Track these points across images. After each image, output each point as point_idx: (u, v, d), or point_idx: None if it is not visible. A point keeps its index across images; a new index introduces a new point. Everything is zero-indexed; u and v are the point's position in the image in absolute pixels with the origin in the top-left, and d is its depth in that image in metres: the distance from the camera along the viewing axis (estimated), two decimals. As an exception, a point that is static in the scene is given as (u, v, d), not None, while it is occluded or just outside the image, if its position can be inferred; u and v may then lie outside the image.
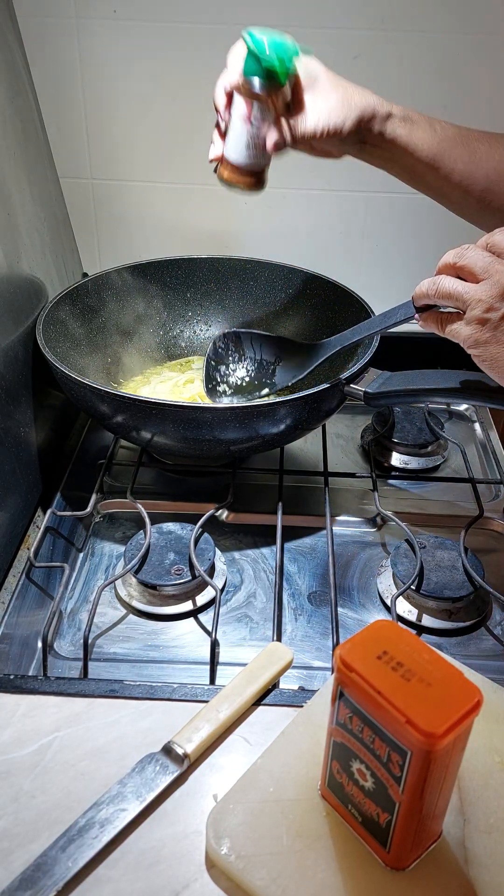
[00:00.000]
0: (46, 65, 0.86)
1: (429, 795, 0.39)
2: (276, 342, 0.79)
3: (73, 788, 0.48)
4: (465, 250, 0.53)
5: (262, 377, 0.80)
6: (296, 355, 0.77)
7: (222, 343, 0.81)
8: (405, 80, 0.86)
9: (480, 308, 0.51)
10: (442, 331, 0.55)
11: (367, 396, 0.68)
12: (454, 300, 0.53)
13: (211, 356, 0.81)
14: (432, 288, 0.54)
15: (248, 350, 0.80)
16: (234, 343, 0.81)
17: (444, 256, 0.54)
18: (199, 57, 0.85)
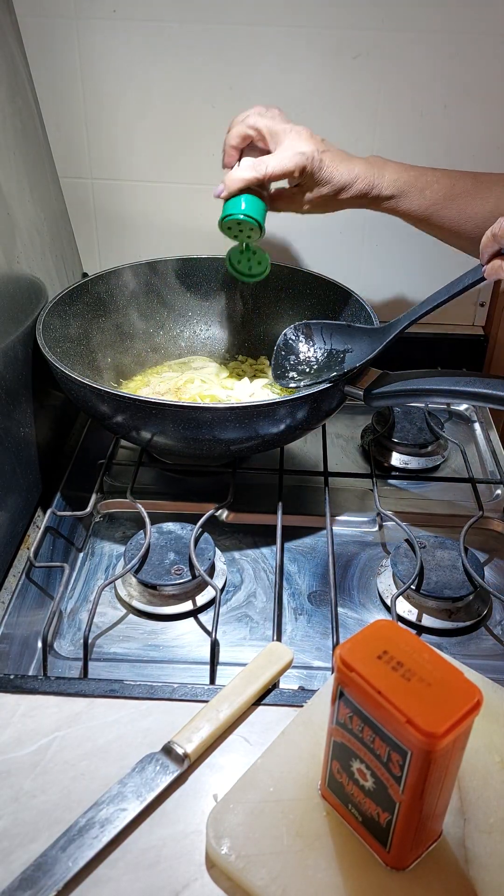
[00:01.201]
0: (46, 65, 0.86)
1: (429, 795, 0.39)
2: (346, 330, 0.78)
3: (73, 788, 0.48)
4: None
5: (332, 364, 0.78)
6: (366, 341, 0.75)
7: (293, 334, 0.79)
8: (405, 80, 0.86)
9: None
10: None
11: (367, 396, 0.69)
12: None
13: (280, 346, 0.80)
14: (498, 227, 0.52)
15: (318, 341, 0.79)
16: (305, 334, 0.79)
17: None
18: (199, 57, 0.85)
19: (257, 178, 0.70)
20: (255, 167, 0.70)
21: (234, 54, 0.85)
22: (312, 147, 0.70)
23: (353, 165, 0.72)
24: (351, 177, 0.72)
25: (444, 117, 0.88)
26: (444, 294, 0.64)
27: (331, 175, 0.71)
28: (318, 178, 0.71)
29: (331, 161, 0.71)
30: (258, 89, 0.87)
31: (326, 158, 0.71)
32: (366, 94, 0.87)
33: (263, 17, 0.83)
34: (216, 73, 0.86)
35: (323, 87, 0.87)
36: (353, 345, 0.77)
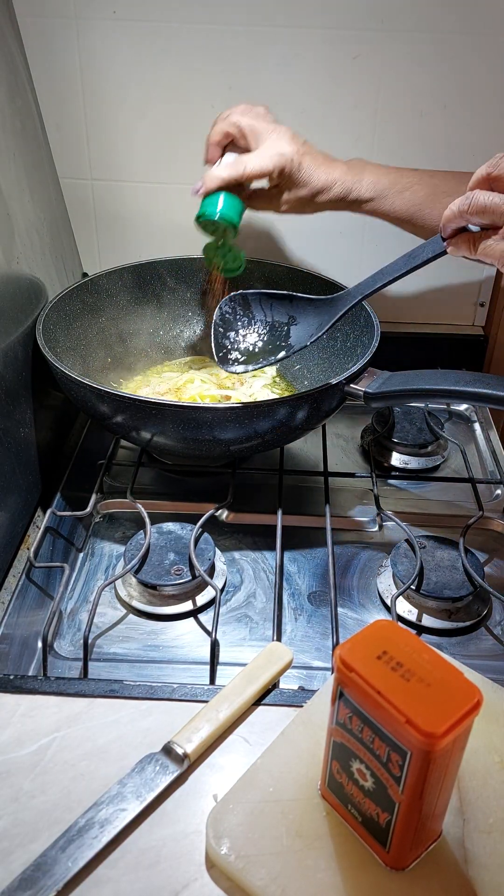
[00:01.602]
0: (46, 65, 0.86)
1: (428, 795, 0.39)
2: (287, 301, 0.73)
3: (73, 788, 0.48)
4: (500, 160, 0.49)
5: (277, 340, 0.74)
6: (311, 312, 0.71)
7: (229, 307, 0.75)
8: (405, 80, 0.86)
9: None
10: (474, 251, 0.52)
11: (367, 396, 0.68)
12: (490, 214, 0.49)
13: (218, 322, 0.75)
14: (465, 203, 0.50)
15: (258, 312, 0.74)
16: (242, 306, 0.75)
17: (476, 171, 0.51)
18: (198, 56, 0.85)
19: (235, 177, 0.71)
20: (234, 166, 0.71)
21: (234, 54, 0.85)
22: (293, 148, 0.71)
23: (332, 169, 0.73)
24: (329, 180, 0.72)
25: (444, 117, 0.88)
26: (401, 266, 0.60)
27: (309, 177, 0.72)
28: (297, 180, 0.72)
29: (310, 163, 0.72)
30: (258, 89, 0.87)
31: (306, 161, 0.71)
32: (365, 94, 0.87)
33: (263, 17, 0.83)
34: (216, 73, 0.86)
35: (323, 87, 0.87)
36: (297, 315, 0.73)
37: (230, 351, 0.73)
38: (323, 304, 0.70)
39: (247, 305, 0.74)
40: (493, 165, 0.50)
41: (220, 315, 0.74)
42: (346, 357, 0.83)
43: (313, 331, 0.70)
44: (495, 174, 0.49)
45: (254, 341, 0.74)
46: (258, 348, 0.73)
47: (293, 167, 0.71)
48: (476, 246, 0.51)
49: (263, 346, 0.73)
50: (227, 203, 0.73)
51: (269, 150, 0.71)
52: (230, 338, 0.74)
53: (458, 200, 0.51)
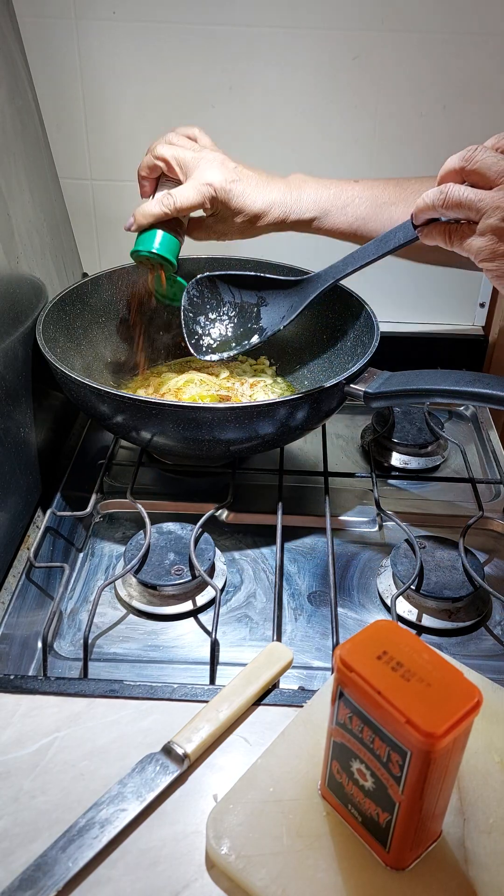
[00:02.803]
0: (46, 65, 0.86)
1: (429, 795, 0.39)
2: (254, 281, 0.72)
3: (73, 788, 0.48)
4: (474, 153, 0.48)
5: (248, 322, 0.73)
6: (281, 293, 0.71)
7: (196, 291, 0.74)
8: (405, 80, 0.86)
9: (498, 216, 0.46)
10: (449, 243, 0.51)
11: (367, 396, 0.68)
12: (466, 209, 0.48)
13: (186, 307, 0.74)
14: (440, 198, 0.49)
15: (226, 294, 0.73)
16: (210, 289, 0.74)
17: (447, 162, 0.50)
18: (198, 57, 0.86)
19: (165, 212, 0.71)
20: (163, 202, 0.70)
21: (234, 55, 0.85)
22: (221, 176, 0.70)
23: (268, 192, 0.71)
24: (265, 204, 0.71)
25: (443, 117, 0.88)
26: (373, 251, 0.59)
27: (243, 204, 0.70)
28: (231, 207, 0.71)
29: (242, 190, 0.70)
30: (258, 89, 0.87)
31: (237, 188, 0.70)
32: (365, 94, 0.87)
33: (263, 17, 0.83)
34: (216, 73, 0.87)
35: (322, 88, 0.87)
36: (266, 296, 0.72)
37: (202, 337, 0.73)
38: (291, 285, 0.69)
39: (214, 288, 0.73)
40: (466, 159, 0.48)
41: (187, 300, 0.73)
42: (346, 357, 0.83)
43: (284, 312, 0.69)
44: (469, 168, 0.48)
45: (225, 325, 0.73)
46: (230, 332, 0.72)
47: (224, 195, 0.70)
48: (452, 238, 0.50)
49: (235, 330, 0.72)
50: (163, 240, 0.73)
51: (198, 182, 0.70)
52: (200, 322, 0.73)
53: (431, 192, 0.50)
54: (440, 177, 0.50)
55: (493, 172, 0.47)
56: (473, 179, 0.48)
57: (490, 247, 0.48)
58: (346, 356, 0.83)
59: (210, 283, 0.73)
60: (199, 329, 0.74)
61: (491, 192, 0.47)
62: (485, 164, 0.47)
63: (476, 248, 0.49)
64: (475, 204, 0.47)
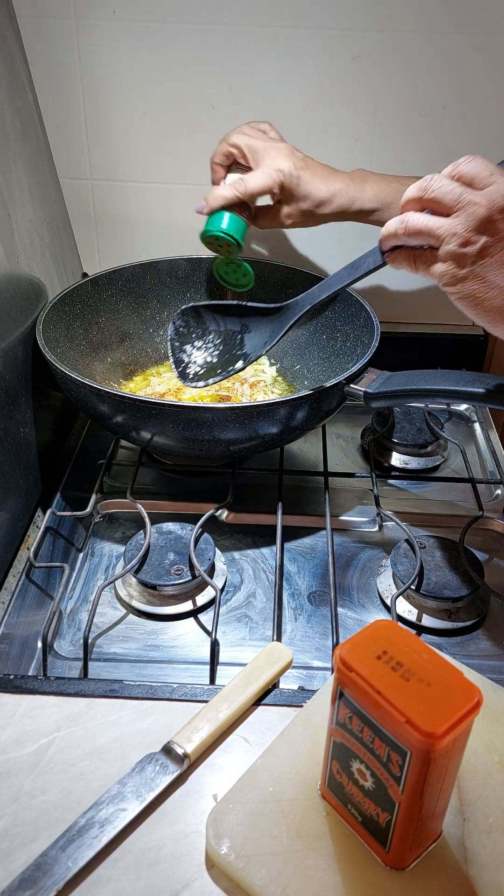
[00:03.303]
0: (46, 65, 0.86)
1: (428, 795, 0.39)
2: (236, 310, 0.75)
3: (73, 788, 0.48)
4: (431, 181, 0.50)
5: (232, 349, 0.75)
6: (263, 320, 0.72)
7: (182, 321, 0.76)
8: (405, 81, 0.86)
9: (456, 242, 0.48)
10: (415, 269, 0.53)
11: (367, 396, 0.68)
12: (426, 236, 0.50)
13: (172, 337, 0.76)
14: (401, 226, 0.51)
15: (211, 323, 0.75)
16: (194, 318, 0.76)
17: (406, 192, 0.51)
18: (198, 57, 0.85)
19: (237, 196, 0.74)
20: (235, 186, 0.74)
21: (234, 55, 0.85)
22: (291, 163, 0.73)
23: (333, 181, 0.75)
24: (330, 192, 0.74)
25: (444, 118, 0.88)
26: (346, 277, 0.61)
27: (309, 191, 0.74)
28: (297, 194, 0.74)
29: (309, 177, 0.74)
30: (258, 90, 0.87)
31: (305, 175, 0.74)
32: (365, 94, 0.87)
33: (263, 17, 0.83)
34: (216, 73, 0.86)
35: (322, 88, 0.87)
36: (249, 323, 0.74)
37: (188, 365, 0.75)
38: (273, 312, 0.71)
39: (199, 317, 0.76)
40: (422, 188, 0.50)
41: (173, 330, 0.76)
42: (346, 357, 0.83)
43: (267, 338, 0.72)
44: (427, 197, 0.50)
45: (210, 352, 0.76)
46: (216, 359, 0.75)
47: (292, 182, 0.73)
48: (416, 263, 0.53)
49: (220, 357, 0.75)
50: (231, 221, 0.76)
51: (268, 168, 0.73)
52: (186, 351, 0.76)
53: (393, 221, 0.52)
54: (401, 206, 0.52)
55: (448, 200, 0.49)
56: (432, 207, 0.50)
57: (450, 272, 0.49)
58: (346, 356, 0.83)
59: (195, 312, 0.76)
60: (186, 357, 0.76)
61: (448, 219, 0.49)
62: (441, 193, 0.49)
63: (438, 273, 0.50)
64: (434, 231, 0.49)
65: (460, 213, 0.48)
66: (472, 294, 0.49)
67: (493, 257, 0.48)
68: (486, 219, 0.47)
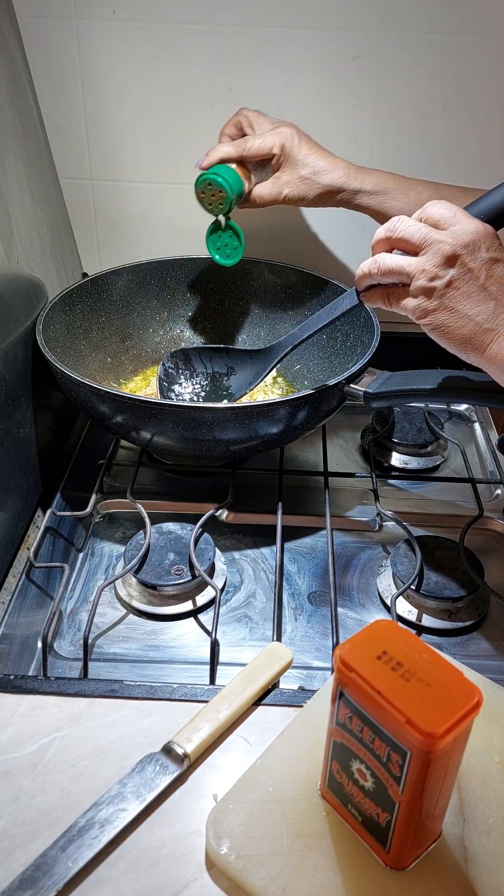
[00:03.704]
0: (46, 65, 0.86)
1: (428, 795, 0.39)
2: (224, 353, 0.81)
3: (73, 788, 0.48)
4: (398, 223, 0.53)
5: (218, 390, 0.81)
6: (248, 362, 0.78)
7: (171, 363, 0.81)
8: (405, 81, 0.86)
9: (425, 278, 0.52)
10: (389, 305, 0.56)
11: (367, 396, 0.69)
12: (397, 274, 0.53)
13: (161, 377, 0.81)
14: (374, 266, 0.55)
15: (199, 365, 0.81)
16: (183, 360, 0.81)
17: (376, 233, 0.55)
18: (198, 57, 0.85)
19: (238, 152, 0.75)
20: (237, 143, 0.76)
21: (234, 55, 0.85)
22: (290, 130, 0.75)
23: (333, 157, 0.76)
24: (330, 162, 0.75)
25: (444, 118, 0.88)
26: (325, 318, 0.66)
27: (308, 155, 0.74)
28: (296, 158, 0.75)
29: (309, 145, 0.75)
30: (258, 89, 0.87)
31: (305, 142, 0.75)
32: (365, 94, 0.87)
33: (263, 17, 0.83)
34: (216, 73, 0.86)
35: (323, 88, 0.87)
36: (235, 366, 0.79)
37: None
38: (258, 354, 0.76)
39: (188, 360, 0.81)
40: (390, 230, 0.54)
41: (163, 370, 0.81)
42: (346, 357, 0.83)
43: (251, 379, 0.77)
44: (395, 237, 0.53)
45: (197, 393, 0.81)
46: (201, 399, 0.80)
47: (293, 143, 0.74)
48: (390, 300, 0.56)
49: (207, 397, 0.80)
50: (225, 169, 0.76)
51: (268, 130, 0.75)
52: (175, 391, 0.81)
53: (367, 262, 0.56)
54: (372, 246, 0.56)
55: (416, 239, 0.52)
56: (400, 247, 0.54)
57: (422, 305, 0.53)
58: (346, 356, 0.83)
59: (184, 355, 0.81)
60: (174, 396, 0.81)
61: (417, 257, 0.52)
62: (407, 233, 0.53)
63: (411, 308, 0.54)
64: (405, 269, 0.53)
65: (427, 251, 0.52)
66: (443, 324, 0.53)
67: (460, 290, 0.51)
68: (451, 255, 0.51)
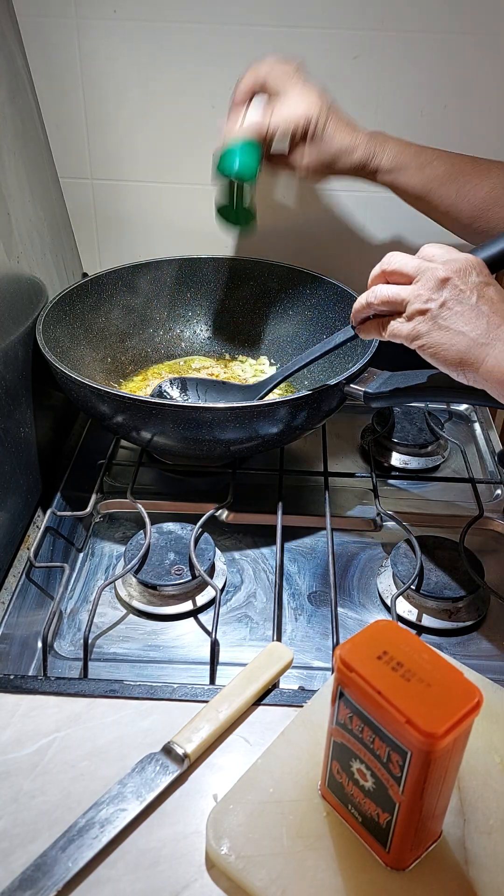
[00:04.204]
0: (46, 65, 0.86)
1: (429, 795, 0.39)
2: (220, 386, 0.82)
3: (73, 788, 0.48)
4: (392, 258, 0.57)
5: None
6: (238, 395, 0.79)
7: (168, 387, 0.82)
8: (405, 80, 0.86)
9: (420, 301, 0.54)
10: (383, 333, 0.58)
11: (367, 396, 0.69)
12: (393, 303, 0.56)
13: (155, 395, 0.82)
14: (371, 296, 0.57)
15: (193, 395, 0.82)
16: (179, 388, 0.82)
17: (372, 272, 0.58)
18: (198, 56, 0.85)
19: (259, 134, 0.71)
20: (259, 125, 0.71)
21: (234, 54, 0.85)
22: (319, 104, 0.71)
23: (356, 133, 0.73)
24: (352, 143, 0.73)
25: (444, 117, 0.88)
26: (318, 350, 0.68)
27: (332, 136, 0.72)
28: (320, 138, 0.72)
29: (335, 123, 0.72)
30: (258, 89, 0.87)
31: (332, 119, 0.72)
32: (365, 94, 0.87)
33: (263, 17, 0.83)
34: (216, 73, 0.86)
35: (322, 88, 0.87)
36: (228, 400, 0.80)
37: None
38: (250, 389, 0.78)
39: (184, 388, 0.82)
40: (384, 264, 0.57)
41: (158, 391, 0.82)
42: (346, 357, 0.83)
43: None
44: (389, 269, 0.57)
45: None
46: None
47: (318, 123, 0.71)
48: (384, 328, 0.58)
49: None
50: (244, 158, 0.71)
51: (296, 106, 0.71)
52: None
53: (364, 295, 0.58)
54: (368, 283, 0.59)
55: (410, 269, 0.55)
56: (395, 279, 0.57)
57: (416, 328, 0.55)
58: (346, 356, 0.83)
59: (181, 383, 0.83)
60: None
61: (412, 285, 0.55)
62: (401, 265, 0.56)
63: (406, 332, 0.55)
64: (399, 294, 0.55)
65: (421, 278, 0.54)
66: (437, 343, 0.54)
67: (453, 309, 0.53)
68: (444, 278, 0.53)
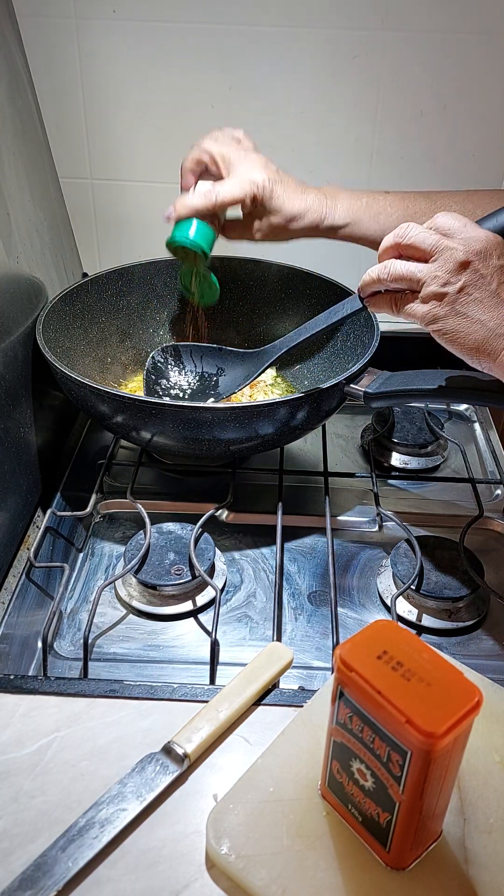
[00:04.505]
0: (46, 65, 0.86)
1: (429, 795, 0.39)
2: (216, 353, 0.80)
3: (73, 788, 0.48)
4: (408, 229, 0.53)
5: (206, 388, 0.80)
6: (239, 364, 0.77)
7: (161, 357, 0.80)
8: (405, 81, 0.86)
9: (437, 283, 0.52)
10: (396, 311, 0.56)
11: (367, 396, 0.68)
12: (408, 281, 0.53)
13: (150, 370, 0.80)
14: (384, 272, 0.54)
15: (188, 363, 0.80)
16: (174, 356, 0.80)
17: (384, 240, 0.55)
18: (198, 57, 0.86)
19: (207, 206, 0.71)
20: (206, 195, 0.71)
21: (234, 54, 0.85)
22: (264, 176, 0.71)
23: (305, 196, 0.73)
24: (302, 207, 0.72)
25: (444, 117, 0.88)
26: (322, 322, 0.66)
27: (282, 204, 0.72)
28: (269, 208, 0.72)
29: (283, 191, 0.72)
30: (258, 89, 0.87)
31: (278, 188, 0.72)
32: (365, 94, 0.87)
33: (263, 17, 0.83)
34: (216, 73, 0.87)
35: (323, 88, 0.87)
36: (225, 367, 0.78)
37: (161, 397, 0.80)
38: (250, 356, 0.75)
39: (178, 356, 0.81)
40: (399, 236, 0.54)
41: (152, 363, 0.80)
42: (346, 357, 0.83)
43: (240, 381, 0.76)
44: (404, 243, 0.53)
45: (184, 390, 0.80)
46: (187, 395, 0.80)
47: (265, 194, 0.71)
48: (398, 306, 0.55)
49: (193, 396, 0.80)
50: (199, 230, 0.73)
51: (241, 178, 0.71)
52: (161, 384, 0.80)
53: (376, 268, 0.55)
54: (379, 254, 0.56)
55: (427, 245, 0.52)
56: (409, 253, 0.54)
57: (433, 311, 0.53)
58: (346, 356, 0.83)
59: (175, 351, 0.80)
60: (160, 390, 0.80)
61: (427, 264, 0.52)
62: (418, 239, 0.53)
63: (421, 313, 0.53)
64: (415, 275, 0.53)
65: (439, 258, 0.52)
66: (454, 330, 0.52)
67: (472, 295, 0.52)
68: (463, 261, 0.51)
